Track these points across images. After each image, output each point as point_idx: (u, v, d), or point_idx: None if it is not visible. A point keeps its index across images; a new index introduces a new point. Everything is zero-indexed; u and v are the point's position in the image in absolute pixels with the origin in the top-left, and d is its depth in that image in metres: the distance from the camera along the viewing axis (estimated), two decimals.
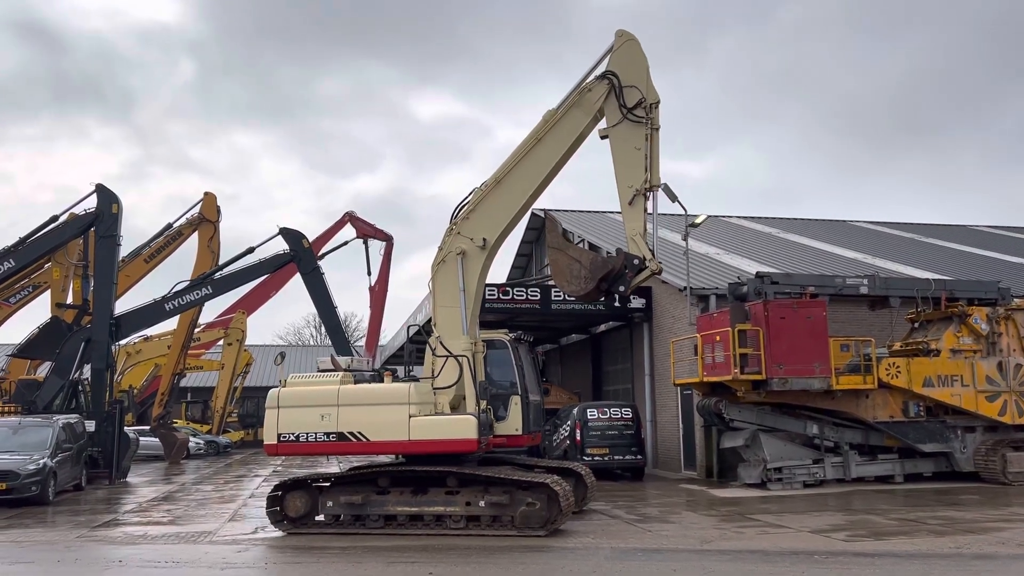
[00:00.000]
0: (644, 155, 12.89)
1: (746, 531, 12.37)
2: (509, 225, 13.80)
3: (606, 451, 20.42)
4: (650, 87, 13.19)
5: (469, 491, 12.42)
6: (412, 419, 12.52)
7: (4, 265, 24.82)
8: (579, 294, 13.26)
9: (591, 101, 13.38)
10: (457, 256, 13.53)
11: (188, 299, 26.79)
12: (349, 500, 12.77)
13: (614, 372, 28.25)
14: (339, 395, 12.91)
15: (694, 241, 24.71)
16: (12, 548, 12.17)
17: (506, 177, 13.61)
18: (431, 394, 13.03)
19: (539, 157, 13.57)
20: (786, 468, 17.95)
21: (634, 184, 12.86)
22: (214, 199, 31.50)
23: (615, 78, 13.23)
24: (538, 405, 14.70)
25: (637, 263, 12.79)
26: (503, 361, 13.95)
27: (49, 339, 26.85)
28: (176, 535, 13.13)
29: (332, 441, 12.81)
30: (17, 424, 19.33)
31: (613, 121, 13.23)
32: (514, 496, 12.22)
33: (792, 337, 17.45)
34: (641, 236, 12.84)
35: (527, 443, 14.39)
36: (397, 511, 12.67)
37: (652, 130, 13.06)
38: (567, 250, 13.20)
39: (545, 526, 12.02)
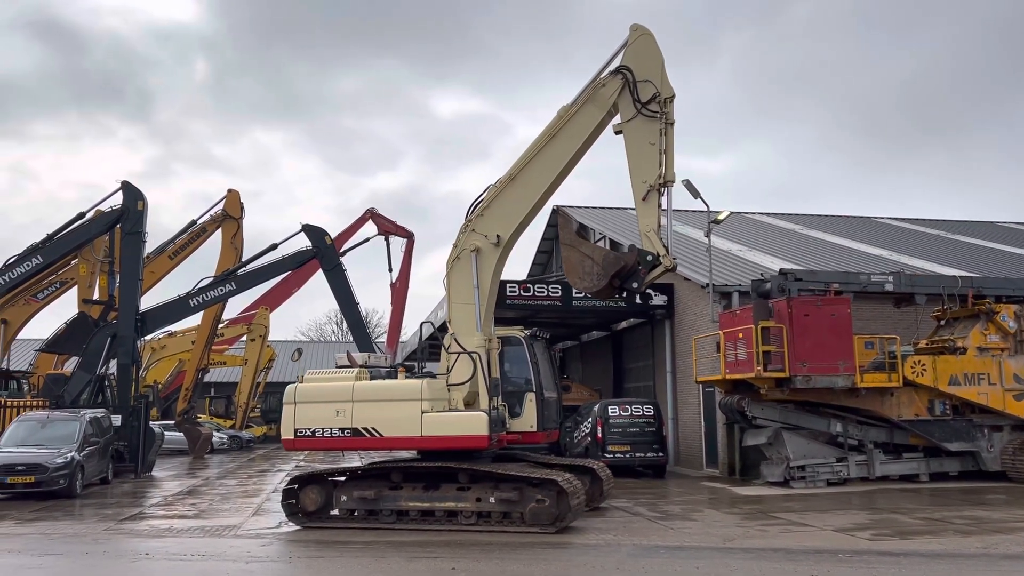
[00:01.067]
0: (658, 150, 12.75)
1: (769, 529, 12.30)
2: (524, 221, 13.73)
3: (627, 448, 20.37)
4: (664, 81, 13.04)
5: (480, 487, 12.44)
6: (424, 415, 12.57)
7: (32, 261, 25.14)
8: (591, 291, 13.12)
9: (605, 96, 13.27)
10: (471, 253, 13.54)
11: (212, 295, 27.05)
12: (362, 495, 12.89)
13: (635, 369, 28.17)
14: (353, 391, 13.04)
15: (716, 238, 24.56)
16: (41, 540, 12.37)
17: (520, 173, 13.57)
18: (445, 390, 13.07)
19: (554, 153, 13.51)
20: (809, 466, 17.82)
21: (648, 179, 12.71)
22: (237, 196, 31.73)
23: (629, 73, 13.11)
24: (554, 402, 14.63)
25: (651, 259, 12.64)
26: (518, 358, 13.93)
27: (76, 334, 27.19)
28: (201, 529, 13.27)
29: (347, 437, 12.92)
30: (45, 418, 19.61)
31: (627, 116, 13.09)
32: (524, 493, 12.23)
33: (816, 334, 17.31)
34: (655, 232, 12.68)
35: (543, 440, 14.34)
36: (409, 507, 12.75)
37: (667, 125, 12.89)
38: (580, 247, 13.13)
39: (554, 523, 11.97)
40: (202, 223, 31.44)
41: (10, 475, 17.10)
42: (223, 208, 31.56)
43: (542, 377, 14.01)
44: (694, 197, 21.61)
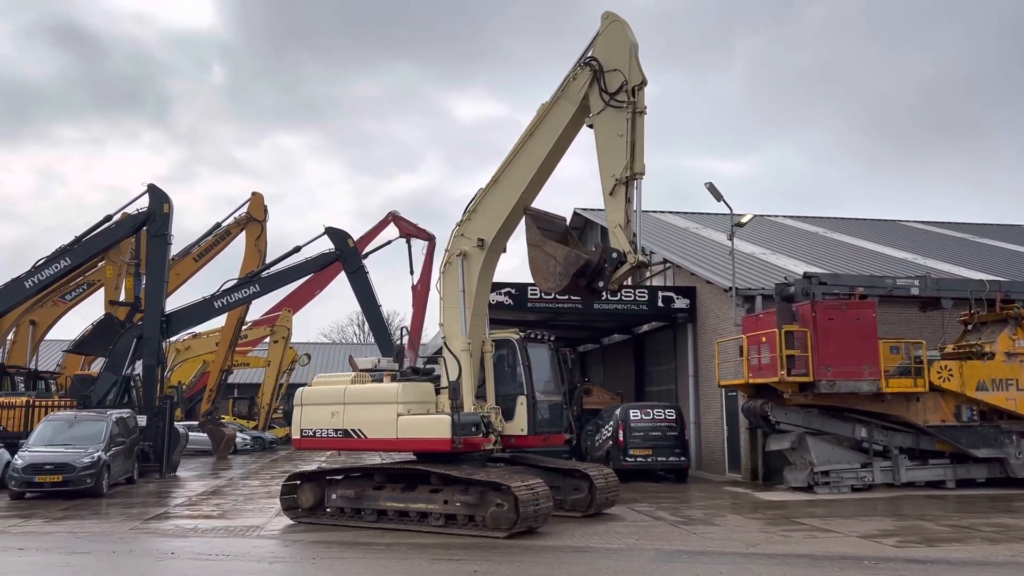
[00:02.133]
0: (626, 141, 12.20)
1: (793, 535, 12.21)
2: (506, 223, 13.57)
3: (649, 452, 20.29)
4: (633, 68, 12.45)
5: (450, 490, 12.62)
6: (400, 418, 13.01)
7: (60, 263, 25.49)
8: (555, 290, 12.96)
9: (575, 90, 12.87)
10: (458, 258, 13.67)
11: (236, 297, 27.30)
12: (345, 494, 13.45)
13: (657, 373, 28.06)
14: (345, 394, 13.68)
15: (739, 241, 24.46)
16: (69, 538, 12.54)
17: (503, 175, 13.50)
18: (426, 394, 13.40)
19: (531, 151, 13.30)
20: (833, 472, 17.65)
21: (615, 172, 12.20)
22: (261, 199, 32.01)
23: (597, 63, 12.65)
24: (553, 406, 14.35)
25: (616, 257, 12.13)
26: (511, 361, 13.90)
27: (103, 335, 27.55)
28: (225, 529, 13.39)
29: (339, 437, 13.63)
30: (73, 418, 19.85)
31: (597, 109, 12.61)
32: (485, 497, 12.25)
33: (841, 339, 17.16)
34: (622, 228, 12.14)
35: (537, 444, 14.19)
36: (387, 506, 13.13)
37: (635, 114, 12.32)
38: (544, 246, 12.83)
39: (512, 528, 11.86)
40: (226, 226, 31.76)
41: (38, 474, 17.35)
42: (247, 211, 31.86)
43: (536, 380, 13.87)
44: (717, 200, 21.53)
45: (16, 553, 11.19)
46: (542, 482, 12.59)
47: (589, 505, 14.09)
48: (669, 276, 27.04)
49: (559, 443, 15.83)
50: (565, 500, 14.19)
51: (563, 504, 14.12)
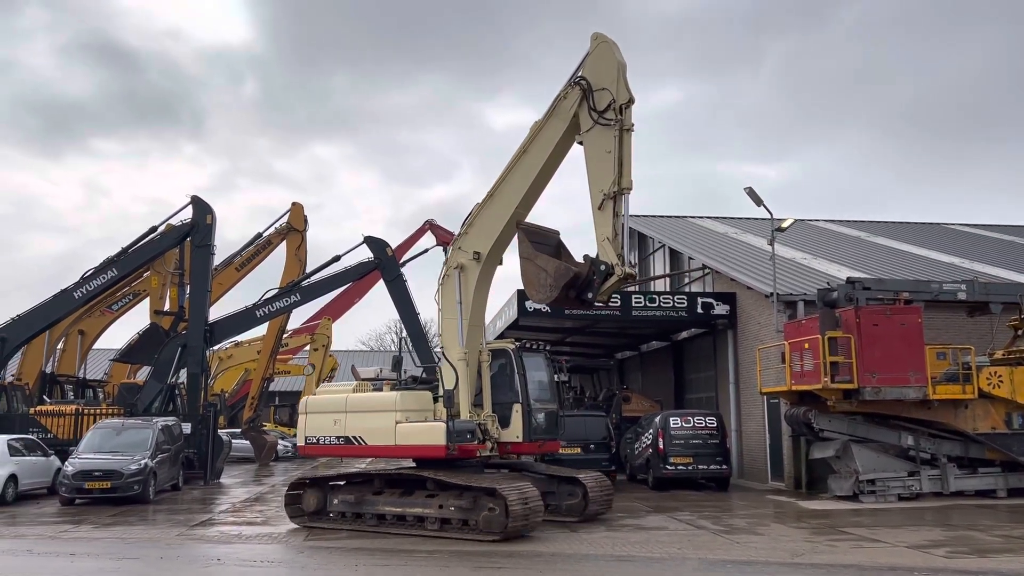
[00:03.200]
0: (614, 158, 12.59)
1: (839, 545, 12.00)
2: (502, 237, 14.03)
3: (690, 460, 20.09)
4: (620, 87, 12.85)
5: (445, 495, 13.01)
6: (398, 425, 13.49)
7: (107, 274, 26.02)
8: (545, 301, 13.40)
9: (566, 108, 13.33)
10: (455, 270, 14.20)
11: (277, 306, 27.65)
12: (346, 499, 13.91)
13: (697, 380, 27.81)
14: (347, 403, 14.29)
15: (780, 246, 24.15)
16: (118, 544, 12.79)
17: (497, 191, 13.98)
18: (425, 402, 13.92)
19: (524, 168, 13.76)
20: (879, 480, 17.33)
21: (603, 188, 12.58)
22: (301, 209, 32.40)
23: (586, 82, 13.08)
24: (549, 413, 14.83)
25: (604, 269, 12.49)
26: (507, 370, 14.35)
27: (148, 344, 28.06)
28: (269, 535, 13.55)
29: (341, 444, 14.21)
30: (120, 426, 20.25)
31: (586, 127, 13.06)
32: (478, 501, 12.61)
33: (886, 345, 16.87)
34: (610, 241, 12.50)
35: (534, 450, 14.67)
36: (385, 510, 13.56)
37: (622, 131, 12.72)
38: (535, 259, 13.19)
39: (503, 531, 12.18)
40: (267, 236, 32.20)
41: (88, 480, 17.74)
42: (287, 221, 32.27)
43: (531, 389, 14.35)
44: (757, 204, 21.32)
45: (68, 558, 11.45)
46: (533, 488, 12.91)
47: (583, 510, 14.37)
48: (708, 282, 26.82)
49: (555, 450, 16.33)
50: (560, 505, 14.54)
51: (559, 509, 14.50)
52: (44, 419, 24.49)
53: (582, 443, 20.44)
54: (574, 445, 20.35)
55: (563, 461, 19.96)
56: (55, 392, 30.91)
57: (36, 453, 20.09)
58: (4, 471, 18.17)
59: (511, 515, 12.14)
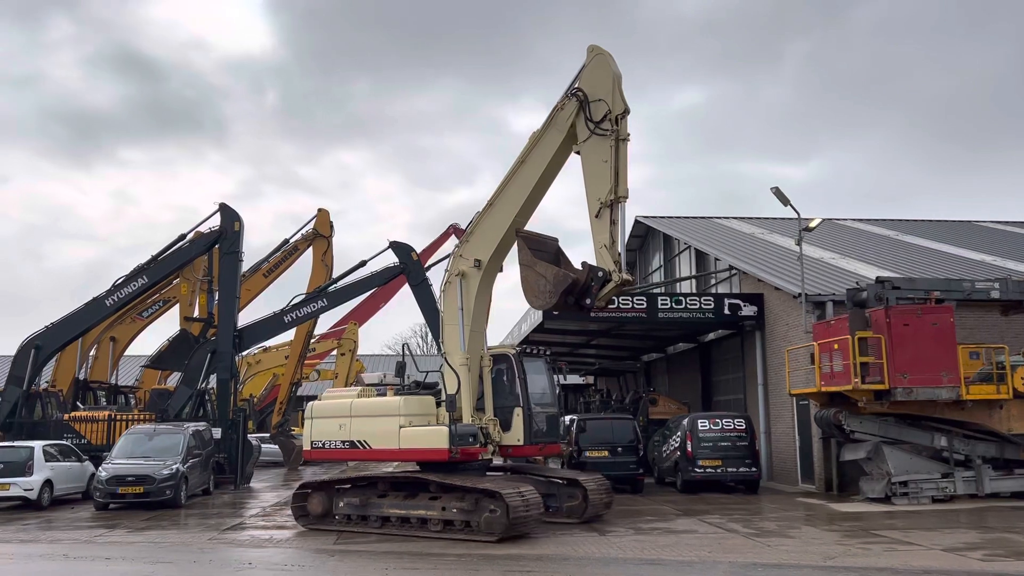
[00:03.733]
0: (610, 167, 12.91)
1: (872, 548, 11.86)
2: (502, 244, 14.37)
3: (718, 463, 19.95)
4: (616, 98, 13.18)
5: (447, 497, 13.36)
6: (402, 429, 13.83)
7: (138, 282, 26.36)
8: (544, 308, 13.80)
9: (563, 119, 13.63)
10: (456, 278, 14.54)
11: (305, 311, 27.86)
12: (351, 501, 14.21)
13: (724, 382, 27.62)
14: (351, 408, 14.58)
15: (808, 245, 23.92)
16: (152, 548, 12.97)
17: (497, 199, 14.32)
18: (428, 406, 14.27)
19: (523, 177, 14.10)
20: (912, 482, 17.09)
21: (600, 196, 12.89)
22: (327, 215, 32.62)
23: (582, 94, 13.39)
24: (549, 416, 15.17)
25: (601, 275, 12.79)
26: (508, 375, 14.68)
27: (178, 351, 28.41)
28: (300, 539, 13.65)
29: (346, 448, 14.49)
30: (152, 431, 20.51)
31: (583, 137, 13.37)
32: (479, 503, 12.94)
33: (917, 345, 16.65)
34: (607, 248, 12.83)
35: (535, 453, 15.05)
36: (390, 513, 13.87)
37: (618, 141, 13.03)
38: (535, 267, 13.44)
39: (504, 532, 12.50)
40: (294, 242, 32.45)
41: (121, 485, 17.98)
42: (314, 227, 32.50)
43: (532, 393, 14.65)
44: (784, 204, 21.16)
45: (104, 562, 11.62)
46: (533, 490, 13.22)
47: (583, 512, 14.64)
48: (735, 283, 26.63)
49: (555, 452, 16.72)
50: (561, 507, 14.81)
51: (559, 511, 14.79)
52: (78, 425, 24.89)
53: (609, 446, 20.38)
54: (601, 448, 20.31)
55: (590, 464, 19.99)
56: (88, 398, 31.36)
57: (70, 459, 20.41)
58: (40, 476, 18.50)
59: (512, 516, 12.45)
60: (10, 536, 14.58)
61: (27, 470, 18.43)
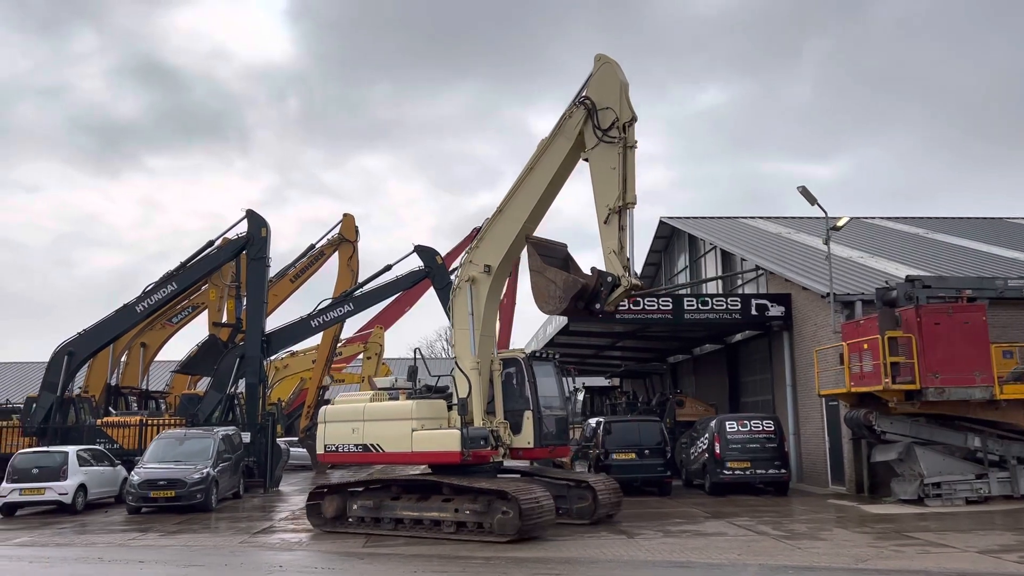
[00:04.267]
0: (618, 174, 13.07)
1: (905, 550, 11.71)
2: (511, 250, 14.64)
3: (747, 465, 19.78)
4: (623, 106, 13.33)
5: (460, 499, 13.57)
6: (414, 433, 14.01)
7: (168, 288, 26.71)
8: (555, 313, 13.92)
9: (571, 127, 13.81)
10: (467, 283, 14.74)
11: (331, 316, 28.10)
12: (365, 504, 14.43)
13: (752, 383, 27.41)
14: (364, 412, 14.75)
15: (836, 244, 23.70)
16: (184, 552, 13.12)
17: (507, 206, 14.52)
18: (439, 410, 14.45)
19: (532, 184, 14.29)
20: (946, 483, 16.85)
21: (609, 203, 13.05)
22: (352, 220, 32.87)
23: (590, 102, 13.56)
24: (558, 419, 15.41)
25: (611, 281, 12.98)
26: (518, 379, 14.94)
27: (207, 356, 28.73)
28: (328, 542, 13.74)
29: (359, 452, 14.68)
30: (183, 435, 20.76)
31: (591, 144, 13.52)
32: (492, 505, 13.13)
33: (948, 344, 16.41)
34: (616, 254, 13.00)
35: (545, 455, 15.40)
36: (403, 515, 14.07)
37: (626, 148, 13.18)
38: (545, 272, 13.68)
39: (516, 533, 12.68)
40: (320, 247, 32.74)
41: (153, 489, 18.21)
42: (339, 232, 32.77)
43: (542, 396, 14.88)
44: (811, 203, 20.96)
45: (137, 566, 11.78)
46: (546, 492, 13.48)
47: (593, 513, 14.83)
48: (762, 283, 26.42)
49: (565, 455, 16.97)
50: (571, 509, 14.95)
51: (569, 512, 14.93)
52: (110, 430, 25.27)
53: (636, 448, 20.30)
54: (628, 451, 20.24)
55: (617, 467, 19.93)
56: (119, 404, 31.85)
57: (103, 463, 20.72)
58: (74, 481, 18.80)
59: (524, 517, 12.64)
60: (46, 540, 14.83)
61: (62, 475, 18.73)
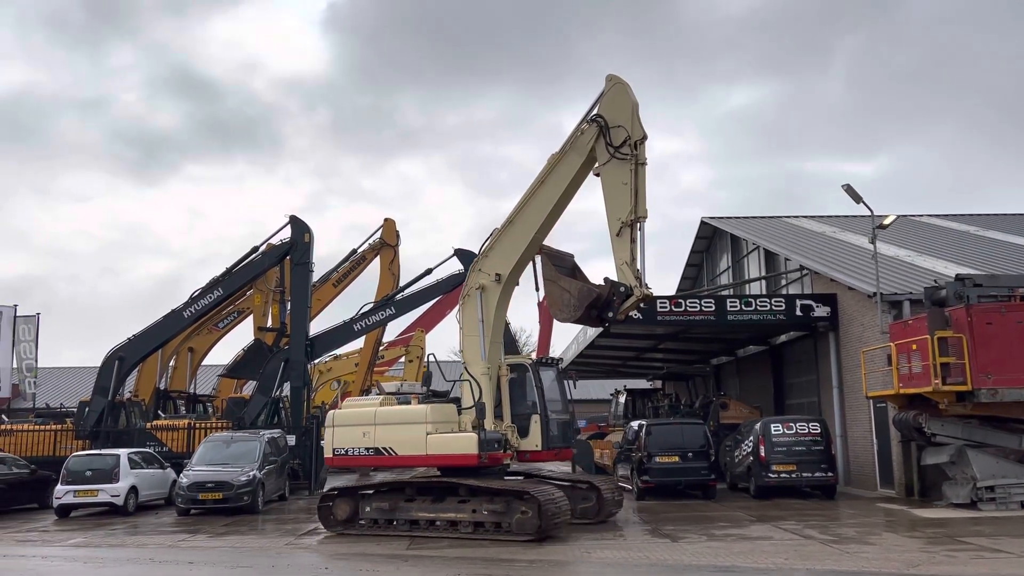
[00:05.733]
0: (630, 189, 13.62)
1: (958, 555, 11.43)
2: (521, 260, 15.16)
3: (793, 468, 19.47)
4: (635, 125, 13.91)
5: (476, 500, 13.88)
6: (429, 436, 14.24)
7: (214, 293, 27.22)
8: (569, 320, 14.44)
9: (584, 143, 14.38)
10: (477, 291, 15.20)
11: (374, 320, 28.39)
12: (380, 506, 14.65)
13: (797, 385, 27.00)
14: (375, 416, 14.95)
15: (882, 243, 23.26)
16: (232, 553, 13.35)
17: (517, 217, 15.01)
18: (452, 414, 14.76)
19: (543, 197, 14.83)
20: (999, 487, 16.39)
21: (621, 216, 13.60)
22: (393, 225, 33.13)
23: (603, 120, 14.12)
24: (562, 423, 15.97)
25: (623, 291, 13.50)
26: (525, 384, 15.48)
27: (253, 360, 29.22)
28: (373, 544, 13.84)
29: (370, 455, 14.88)
30: (229, 438, 21.11)
31: (603, 160, 14.08)
32: (510, 505, 13.47)
33: (1001, 344, 15.98)
34: (628, 265, 13.53)
35: (551, 458, 15.98)
36: (418, 516, 14.31)
37: (637, 165, 13.75)
38: (559, 281, 14.29)
39: (536, 532, 13.05)
40: (362, 251, 33.04)
41: (201, 492, 18.54)
42: (380, 236, 33.05)
43: (547, 401, 15.40)
44: (856, 201, 20.61)
45: (187, 567, 12.02)
46: (561, 492, 13.96)
47: (598, 512, 15.51)
48: (807, 283, 26.03)
49: (567, 457, 17.45)
50: (575, 509, 15.18)
51: (574, 512, 15.08)
52: (159, 433, 25.82)
53: (680, 452, 20.10)
54: (671, 454, 20.06)
55: (660, 470, 19.79)
56: (168, 407, 32.49)
57: (153, 466, 21.17)
58: (126, 483, 19.24)
59: (544, 517, 13.00)
60: (99, 541, 15.20)
61: (114, 477, 19.19)
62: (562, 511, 13.60)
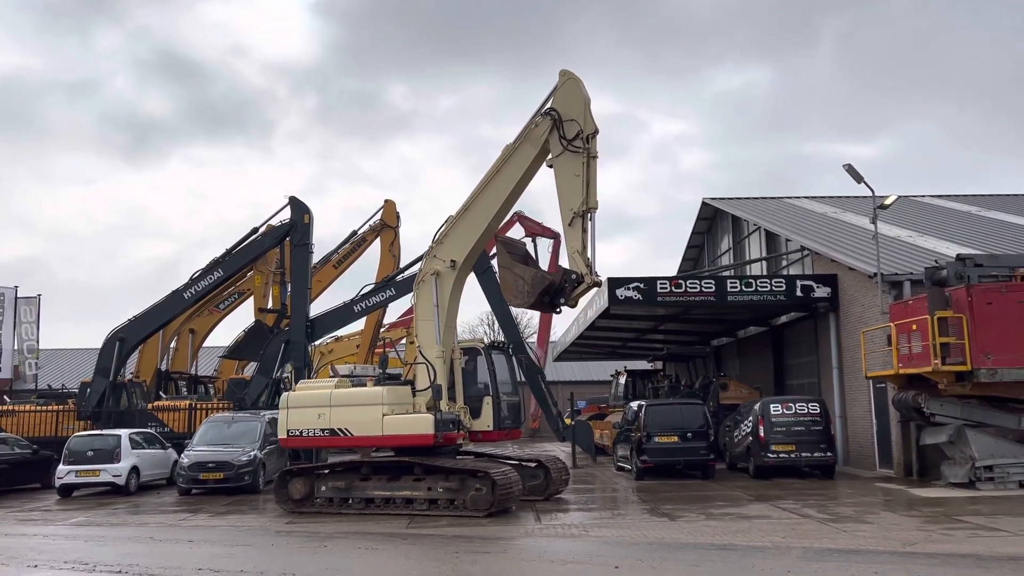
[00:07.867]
0: (582, 181, 14.10)
1: (954, 534, 11.47)
2: (475, 247, 15.60)
3: (792, 448, 19.54)
4: (587, 119, 14.42)
5: (432, 478, 14.40)
6: (385, 417, 14.73)
7: (214, 275, 27.21)
8: (522, 306, 14.93)
9: (537, 136, 14.81)
10: (432, 276, 15.57)
11: (374, 301, 28.37)
12: (336, 485, 15.04)
13: (797, 365, 27.03)
14: (331, 398, 15.34)
15: (883, 224, 23.20)
16: (232, 532, 13.42)
17: (472, 205, 15.47)
18: (407, 396, 15.21)
19: (498, 187, 15.28)
20: (998, 466, 16.44)
21: (573, 207, 14.03)
22: (393, 206, 33.07)
23: (556, 114, 14.55)
24: (512, 404, 16.60)
25: (575, 278, 13.99)
26: (477, 367, 15.98)
27: (254, 341, 29.24)
28: (371, 523, 13.91)
29: (326, 436, 15.32)
30: (230, 419, 21.18)
31: (556, 153, 14.53)
32: (465, 483, 14.06)
33: (1002, 324, 15.98)
34: (579, 253, 13.96)
35: (501, 438, 16.52)
36: (374, 495, 14.79)
37: (589, 158, 14.26)
38: (513, 268, 14.72)
39: (489, 508, 13.64)
40: (362, 233, 33.00)
41: (202, 471, 18.62)
42: (380, 218, 33.02)
43: (499, 383, 15.96)
44: (857, 182, 20.53)
45: (187, 545, 12.07)
46: (513, 469, 14.65)
47: (545, 489, 16.34)
48: (807, 264, 25.99)
49: (517, 437, 18.30)
50: (524, 486, 15.59)
51: (523, 489, 15.46)
52: (161, 414, 25.92)
53: (679, 432, 20.15)
54: (671, 434, 20.11)
55: (658, 449, 19.85)
56: (169, 388, 32.60)
57: (155, 446, 21.27)
58: (127, 463, 19.35)
59: (498, 493, 13.62)
60: (101, 520, 15.29)
61: (115, 457, 19.29)
62: (514, 488, 14.18)
